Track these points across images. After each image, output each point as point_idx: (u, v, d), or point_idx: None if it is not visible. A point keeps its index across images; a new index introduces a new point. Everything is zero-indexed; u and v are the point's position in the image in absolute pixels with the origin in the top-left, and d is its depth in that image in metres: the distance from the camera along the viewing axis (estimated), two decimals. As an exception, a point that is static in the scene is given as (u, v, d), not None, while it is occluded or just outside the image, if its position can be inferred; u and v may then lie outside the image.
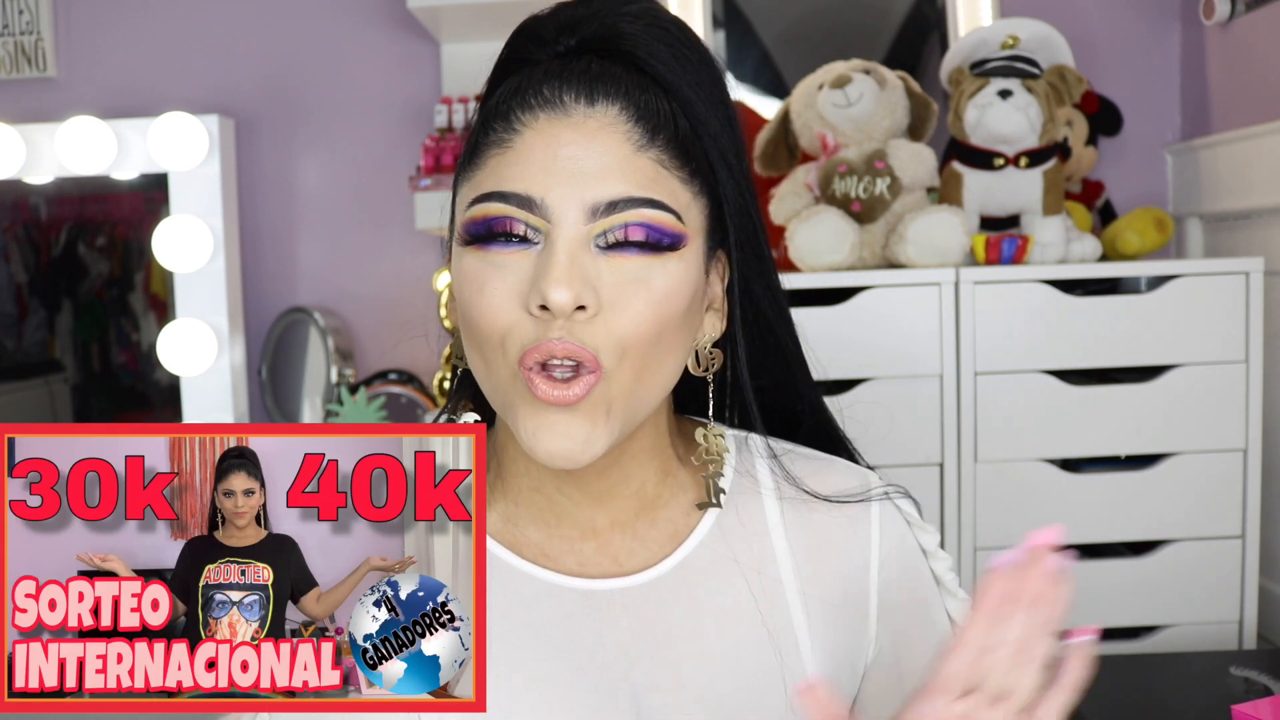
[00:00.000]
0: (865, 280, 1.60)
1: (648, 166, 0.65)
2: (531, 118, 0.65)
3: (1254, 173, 1.75)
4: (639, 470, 0.73)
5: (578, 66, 0.66)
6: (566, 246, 0.63)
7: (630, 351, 0.64)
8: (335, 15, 2.13)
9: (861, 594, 0.75)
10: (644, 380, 0.66)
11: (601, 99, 0.65)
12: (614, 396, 0.65)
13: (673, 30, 0.69)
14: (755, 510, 0.75)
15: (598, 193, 0.64)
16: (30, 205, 2.10)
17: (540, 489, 0.73)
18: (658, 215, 0.65)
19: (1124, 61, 2.03)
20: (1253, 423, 1.58)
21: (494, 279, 0.65)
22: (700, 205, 0.69)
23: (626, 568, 0.72)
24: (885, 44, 2.06)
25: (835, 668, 0.73)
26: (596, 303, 0.63)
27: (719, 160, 0.69)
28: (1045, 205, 1.68)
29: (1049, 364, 1.60)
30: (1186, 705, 1.36)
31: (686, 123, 0.68)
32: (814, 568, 0.74)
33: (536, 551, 0.73)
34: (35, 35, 2.11)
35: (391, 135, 2.13)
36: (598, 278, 0.64)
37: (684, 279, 0.66)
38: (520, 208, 0.64)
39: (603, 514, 0.73)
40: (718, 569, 0.73)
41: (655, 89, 0.67)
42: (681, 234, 0.66)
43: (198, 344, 1.98)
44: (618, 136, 0.65)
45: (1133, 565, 1.62)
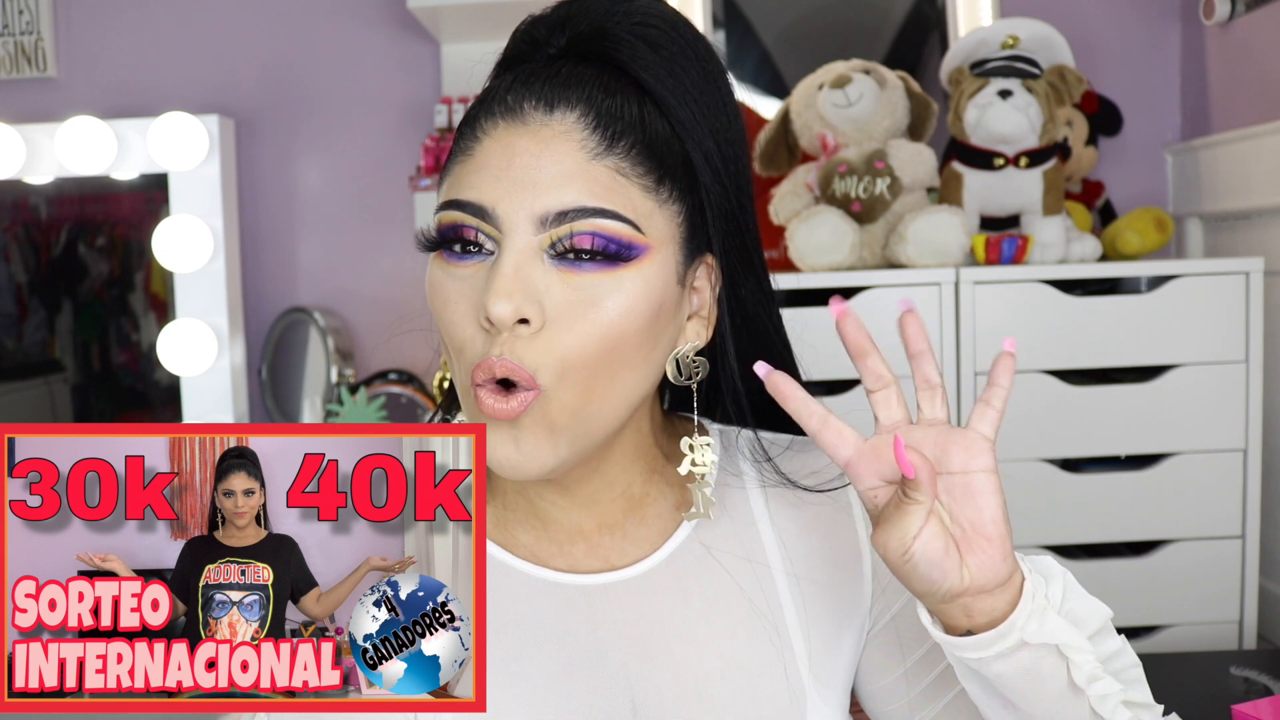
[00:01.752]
0: (865, 280, 1.60)
1: (603, 175, 0.64)
2: (492, 125, 0.65)
3: (1254, 173, 1.75)
4: (623, 473, 0.73)
5: (546, 72, 0.66)
6: (514, 258, 0.63)
7: (572, 372, 0.63)
8: (335, 15, 2.13)
9: (854, 563, 0.75)
10: (593, 400, 0.65)
11: (561, 105, 0.64)
12: (555, 416, 0.64)
13: (664, 29, 0.68)
14: (741, 501, 0.76)
15: (548, 202, 0.63)
16: (30, 205, 2.10)
17: (524, 493, 0.73)
18: (610, 225, 0.63)
19: (1124, 61, 2.03)
20: (1253, 423, 1.59)
21: (454, 292, 0.65)
22: (671, 212, 0.67)
23: (616, 564, 0.73)
24: (885, 44, 2.06)
25: (828, 645, 0.74)
26: (541, 317, 0.62)
27: (703, 164, 0.68)
28: (1045, 205, 1.68)
29: (1049, 364, 1.60)
30: (1186, 705, 1.35)
31: (664, 125, 0.66)
32: (802, 550, 0.75)
33: (528, 552, 0.73)
34: (35, 35, 2.11)
35: (391, 135, 2.13)
36: (546, 291, 0.63)
37: (643, 294, 0.64)
38: (474, 216, 0.64)
39: (589, 518, 0.73)
40: (707, 560, 0.73)
41: (626, 93, 0.66)
42: (638, 244, 0.64)
43: (198, 344, 1.98)
44: (572, 144, 0.64)
45: (1133, 565, 1.62)
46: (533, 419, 0.64)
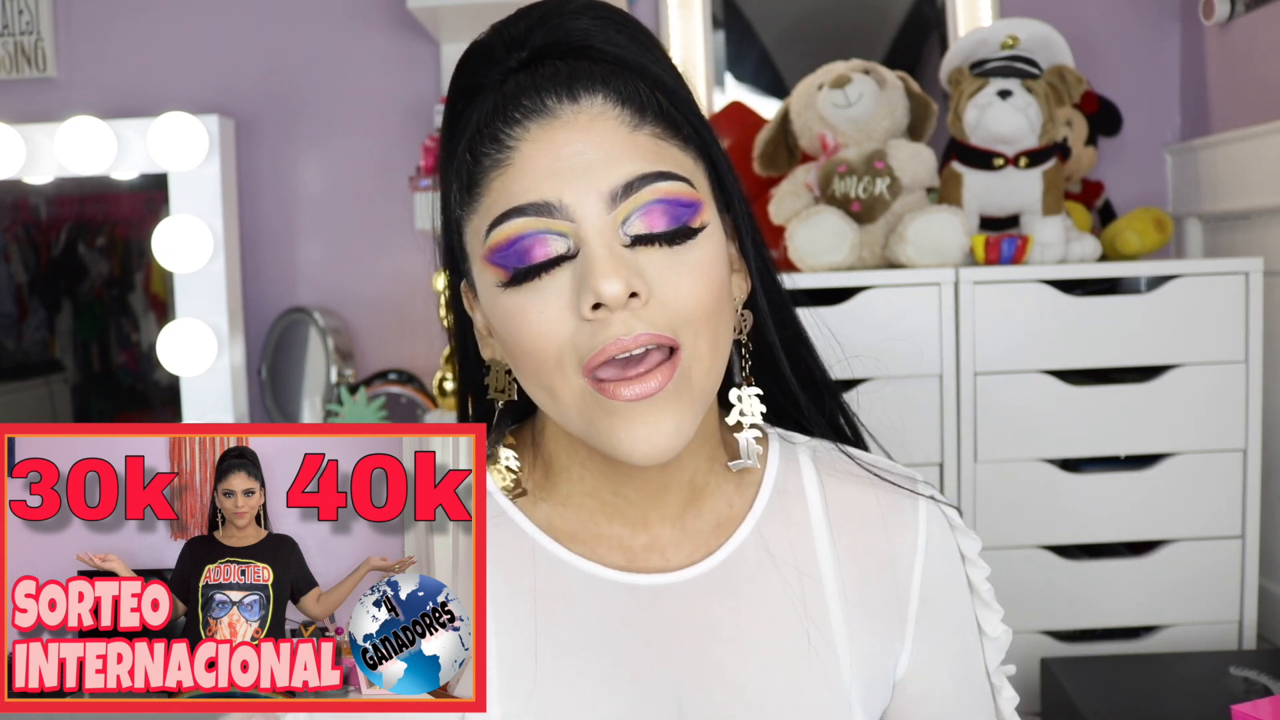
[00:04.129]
0: (865, 280, 1.60)
1: (647, 143, 0.65)
2: (522, 130, 0.65)
3: (1253, 173, 1.75)
4: (692, 459, 0.73)
5: (545, 71, 0.66)
6: (600, 240, 0.63)
7: (697, 322, 0.64)
8: (335, 15, 2.13)
9: (903, 598, 0.75)
10: (717, 350, 0.66)
11: (583, 92, 0.65)
12: (694, 373, 0.65)
13: (616, 17, 0.69)
14: (800, 509, 0.75)
15: (611, 178, 0.63)
16: (30, 205, 2.10)
17: (595, 493, 0.73)
18: (674, 186, 0.64)
19: (1124, 62, 2.03)
20: (1252, 423, 1.59)
21: (536, 303, 0.64)
22: (702, 169, 0.69)
23: (673, 563, 0.72)
24: (885, 44, 2.06)
25: (871, 668, 0.73)
26: (647, 289, 0.63)
27: (700, 125, 0.69)
28: (1045, 205, 1.68)
29: (1049, 364, 1.60)
30: (1186, 705, 1.36)
31: (664, 97, 0.68)
32: (856, 568, 0.74)
33: (583, 547, 0.73)
34: (35, 35, 2.11)
35: (391, 135, 2.13)
36: (638, 264, 0.63)
37: (714, 246, 0.66)
38: (540, 215, 0.63)
39: (655, 509, 0.73)
40: (760, 567, 0.73)
41: (625, 72, 0.67)
42: (697, 200, 0.65)
43: (197, 344, 1.98)
44: (610, 122, 0.65)
45: (1133, 565, 1.62)
46: (675, 386, 0.63)
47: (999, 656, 0.78)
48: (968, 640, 0.77)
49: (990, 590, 0.78)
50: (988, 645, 0.78)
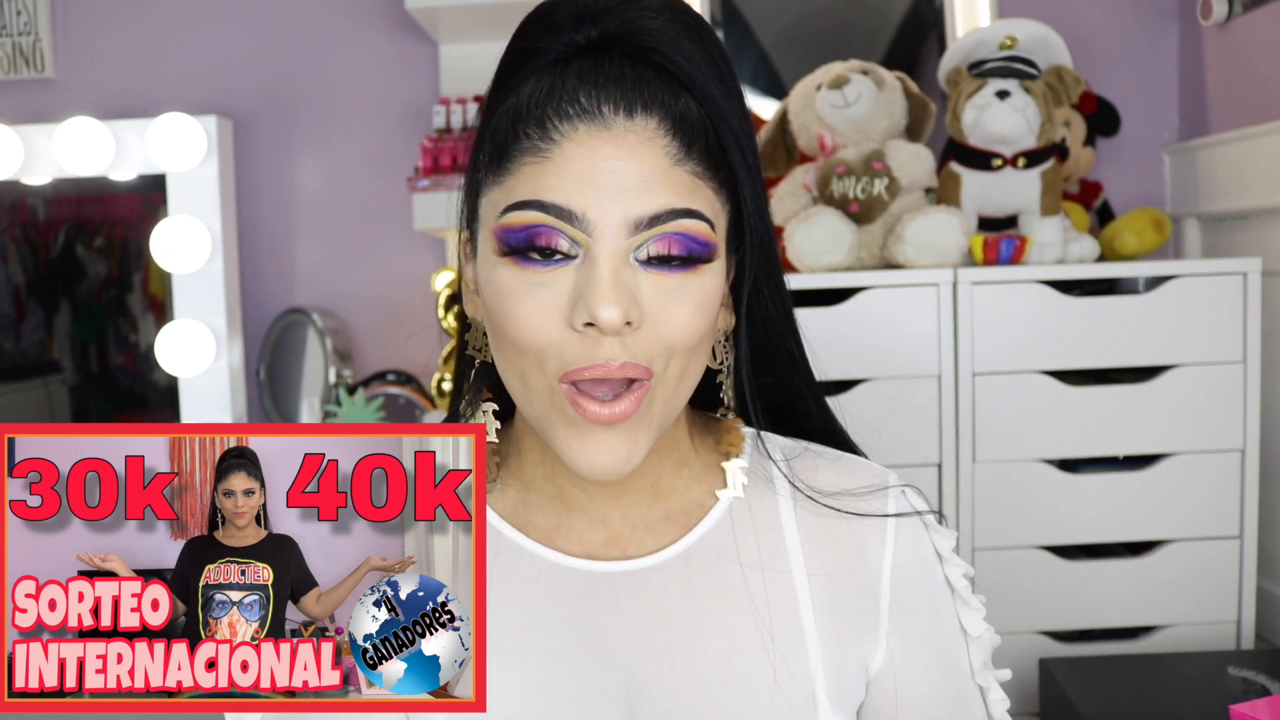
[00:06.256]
0: (863, 281, 1.60)
1: (685, 180, 0.65)
2: (570, 128, 0.64)
3: (1252, 173, 1.75)
4: (656, 464, 0.74)
5: (612, 72, 0.65)
6: (610, 262, 0.63)
7: (677, 356, 0.66)
8: (334, 16, 2.13)
9: (874, 593, 0.75)
10: (684, 381, 0.68)
11: (641, 111, 0.64)
12: (657, 402, 0.66)
13: (693, 25, 0.68)
14: (769, 505, 0.76)
15: (641, 207, 0.63)
16: (28, 206, 2.10)
17: (553, 479, 0.74)
18: (696, 225, 0.65)
19: (1122, 62, 2.03)
20: (1251, 423, 1.59)
21: (531, 296, 0.64)
22: (726, 213, 0.69)
23: (633, 556, 0.73)
24: (883, 44, 2.06)
25: (843, 663, 0.73)
26: (640, 316, 0.64)
27: (740, 163, 0.69)
28: (1043, 206, 1.68)
29: (1047, 364, 1.60)
30: (1185, 705, 1.36)
31: (714, 129, 0.67)
32: (826, 564, 0.74)
33: (543, 535, 0.74)
34: (33, 36, 2.11)
35: (390, 136, 2.13)
36: (638, 290, 0.64)
37: (714, 286, 0.67)
38: (560, 219, 0.63)
39: (616, 508, 0.74)
40: (723, 559, 0.73)
41: (687, 96, 0.66)
42: (713, 242, 0.66)
43: (196, 345, 1.98)
44: (657, 151, 0.64)
45: (1131, 565, 1.63)
46: (638, 414, 0.65)
47: (983, 656, 0.78)
48: (949, 640, 0.77)
49: (968, 587, 0.78)
50: (972, 645, 0.78)
